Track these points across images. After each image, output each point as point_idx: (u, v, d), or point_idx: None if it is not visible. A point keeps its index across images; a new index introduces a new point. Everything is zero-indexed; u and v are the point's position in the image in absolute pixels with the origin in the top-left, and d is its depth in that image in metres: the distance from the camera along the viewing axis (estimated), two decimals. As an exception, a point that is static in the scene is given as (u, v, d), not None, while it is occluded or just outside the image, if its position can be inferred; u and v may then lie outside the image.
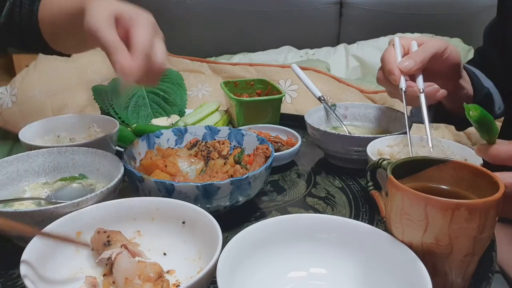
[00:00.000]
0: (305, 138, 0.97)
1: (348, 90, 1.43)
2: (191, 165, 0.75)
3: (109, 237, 0.54)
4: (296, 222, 0.55)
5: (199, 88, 1.49)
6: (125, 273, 0.51)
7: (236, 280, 0.49)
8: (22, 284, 0.45)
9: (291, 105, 1.38)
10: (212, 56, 1.81)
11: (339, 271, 0.54)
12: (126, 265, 0.52)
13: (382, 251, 0.52)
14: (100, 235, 0.55)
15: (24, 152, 0.72)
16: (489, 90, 0.86)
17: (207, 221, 0.54)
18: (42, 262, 0.50)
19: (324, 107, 0.98)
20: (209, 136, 0.82)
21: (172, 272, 0.55)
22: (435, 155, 0.73)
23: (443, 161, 0.55)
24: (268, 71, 1.51)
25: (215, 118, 1.07)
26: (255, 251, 0.52)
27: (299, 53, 1.82)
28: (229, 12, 1.83)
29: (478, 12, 1.77)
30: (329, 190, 0.80)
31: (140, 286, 0.49)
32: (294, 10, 1.85)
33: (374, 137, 0.79)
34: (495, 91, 0.90)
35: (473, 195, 0.52)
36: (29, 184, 0.71)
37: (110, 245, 0.54)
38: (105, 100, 1.05)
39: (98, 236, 0.55)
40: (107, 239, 0.54)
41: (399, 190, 0.49)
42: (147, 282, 0.50)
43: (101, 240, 0.54)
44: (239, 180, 0.63)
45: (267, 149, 0.73)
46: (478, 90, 0.85)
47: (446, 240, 0.47)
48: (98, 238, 0.55)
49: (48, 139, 0.88)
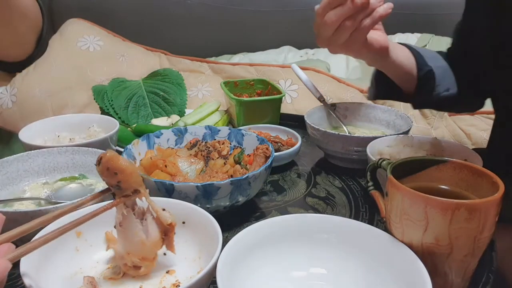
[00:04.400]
0: (305, 138, 0.97)
1: (348, 90, 1.43)
2: (191, 165, 0.75)
3: (119, 181, 0.49)
4: (296, 222, 0.55)
5: (199, 88, 1.49)
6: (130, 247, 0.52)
7: (236, 280, 0.49)
8: (22, 284, 0.45)
9: (291, 105, 1.38)
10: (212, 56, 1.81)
11: (339, 271, 0.54)
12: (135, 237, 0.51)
13: (382, 251, 0.52)
14: (110, 172, 0.49)
15: (24, 152, 0.72)
16: (431, 69, 0.88)
17: (207, 221, 0.54)
18: (42, 262, 0.50)
19: (324, 107, 0.98)
20: (209, 136, 0.82)
21: (172, 272, 0.55)
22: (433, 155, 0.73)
23: (443, 161, 0.55)
24: (268, 71, 1.51)
25: (215, 118, 1.07)
26: (255, 251, 0.52)
27: (299, 53, 1.81)
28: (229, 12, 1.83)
29: (478, 12, 1.77)
30: (329, 190, 0.80)
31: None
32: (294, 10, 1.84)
33: (374, 137, 0.79)
34: (445, 73, 0.91)
35: (473, 195, 0.52)
36: (29, 184, 0.71)
37: (120, 189, 0.50)
38: (105, 100, 1.06)
39: (105, 171, 0.49)
40: (117, 182, 0.49)
41: (399, 190, 0.49)
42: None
43: (110, 177, 0.49)
44: (239, 180, 0.63)
45: (267, 149, 0.73)
46: (420, 66, 0.88)
47: (446, 240, 0.47)
48: (104, 171, 0.49)
49: (48, 139, 0.88)
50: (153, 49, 1.69)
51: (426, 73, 0.87)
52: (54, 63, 1.55)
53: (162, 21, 1.85)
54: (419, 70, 0.88)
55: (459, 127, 1.33)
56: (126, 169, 0.48)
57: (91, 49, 1.60)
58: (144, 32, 1.81)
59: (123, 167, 0.48)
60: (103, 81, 1.46)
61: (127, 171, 0.48)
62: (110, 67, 1.56)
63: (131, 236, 0.51)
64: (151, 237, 0.52)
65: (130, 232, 0.51)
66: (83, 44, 1.60)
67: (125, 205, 0.51)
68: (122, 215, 0.51)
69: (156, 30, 1.84)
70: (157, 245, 0.53)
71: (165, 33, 1.85)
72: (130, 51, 1.64)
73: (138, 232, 0.51)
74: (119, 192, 0.50)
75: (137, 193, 0.51)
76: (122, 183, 0.49)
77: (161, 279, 0.54)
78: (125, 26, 1.75)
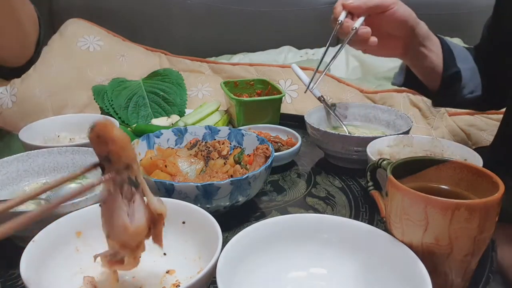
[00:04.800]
0: (305, 138, 0.97)
1: (348, 90, 1.43)
2: (191, 165, 0.75)
3: (109, 153, 0.44)
4: (296, 222, 0.55)
5: (199, 88, 1.49)
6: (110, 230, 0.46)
7: (236, 280, 0.49)
8: (22, 284, 0.45)
9: (291, 105, 1.38)
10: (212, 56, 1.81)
11: (339, 271, 0.54)
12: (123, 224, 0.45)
13: (382, 251, 0.52)
14: (100, 140, 0.43)
15: (24, 152, 0.72)
16: (459, 71, 0.87)
17: (207, 221, 0.54)
18: (42, 262, 0.50)
19: (324, 107, 0.98)
20: (209, 136, 0.82)
21: (172, 272, 0.55)
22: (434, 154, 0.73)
23: (443, 161, 0.55)
24: (268, 71, 1.51)
25: (215, 118, 1.07)
26: (255, 251, 0.52)
27: (299, 53, 1.81)
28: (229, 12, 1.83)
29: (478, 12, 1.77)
30: (329, 190, 0.80)
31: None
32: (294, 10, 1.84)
33: (374, 137, 0.79)
34: (473, 75, 0.91)
35: (473, 195, 0.52)
36: (29, 184, 0.71)
37: (110, 162, 0.44)
38: (105, 100, 1.06)
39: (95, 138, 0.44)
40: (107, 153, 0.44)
41: (399, 190, 0.49)
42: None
43: (100, 146, 0.44)
44: (239, 180, 0.63)
45: (267, 149, 0.73)
46: (447, 66, 0.87)
47: (446, 240, 0.47)
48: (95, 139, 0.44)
49: (48, 139, 0.88)
50: (153, 49, 1.69)
51: (452, 74, 0.87)
52: (54, 63, 1.55)
53: (162, 21, 1.84)
54: (445, 70, 0.87)
55: (459, 127, 1.33)
56: (118, 140, 0.43)
57: (91, 49, 1.60)
58: (144, 32, 1.81)
59: (115, 137, 0.43)
60: (103, 81, 1.46)
61: (120, 142, 0.43)
62: (110, 67, 1.56)
63: (113, 218, 0.46)
64: (135, 223, 0.46)
65: (113, 213, 0.46)
66: (83, 44, 1.60)
67: (113, 182, 0.45)
68: (108, 191, 0.45)
69: (156, 30, 1.84)
70: (141, 233, 0.47)
71: (165, 33, 1.85)
72: (130, 51, 1.64)
73: (121, 214, 0.45)
74: (108, 166, 0.44)
75: (129, 169, 0.45)
76: (112, 155, 0.43)
77: (161, 279, 0.54)
78: (125, 26, 1.75)
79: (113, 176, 0.44)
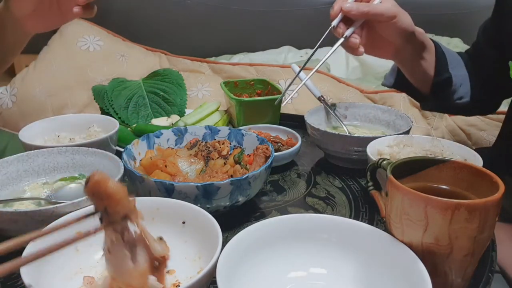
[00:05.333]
0: (305, 138, 0.97)
1: (348, 90, 1.43)
2: (191, 165, 0.75)
3: (106, 207, 0.44)
4: (296, 222, 0.55)
5: (199, 88, 1.49)
6: (115, 273, 0.47)
7: (236, 280, 0.49)
8: (22, 284, 0.45)
9: (291, 105, 1.38)
10: (212, 56, 1.81)
11: (339, 271, 0.54)
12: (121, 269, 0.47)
13: (382, 251, 0.52)
14: (96, 196, 0.44)
15: (24, 152, 0.72)
16: (451, 77, 0.86)
17: (207, 221, 0.54)
18: (42, 262, 0.50)
19: (324, 107, 0.98)
20: (209, 136, 0.82)
21: (172, 272, 0.55)
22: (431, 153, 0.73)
23: (443, 161, 0.55)
24: (268, 71, 1.51)
25: (215, 118, 1.07)
26: (255, 251, 0.52)
27: (299, 53, 1.82)
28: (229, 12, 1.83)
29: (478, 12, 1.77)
30: (329, 190, 0.80)
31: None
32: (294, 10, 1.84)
33: (374, 137, 0.79)
34: (463, 81, 0.90)
35: (473, 195, 0.52)
36: (29, 184, 0.71)
37: (108, 214, 0.45)
38: (105, 100, 1.05)
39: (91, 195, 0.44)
40: (104, 208, 0.45)
41: (399, 190, 0.49)
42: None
43: (97, 201, 0.45)
44: (239, 180, 0.63)
45: (267, 149, 0.73)
46: (439, 72, 0.86)
47: (446, 240, 0.47)
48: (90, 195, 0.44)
49: (48, 139, 0.88)
50: (153, 49, 1.69)
51: (443, 79, 0.86)
52: (54, 63, 1.55)
53: (162, 21, 1.85)
54: (436, 75, 0.86)
55: (459, 127, 1.33)
56: (114, 195, 0.44)
57: (91, 49, 1.60)
58: (144, 32, 1.81)
59: (110, 193, 0.43)
60: (103, 81, 1.46)
61: (115, 198, 0.44)
62: (110, 67, 1.56)
63: (118, 263, 0.47)
64: (139, 266, 0.48)
65: (117, 259, 0.47)
66: (83, 44, 1.60)
67: (114, 230, 0.47)
68: (110, 241, 0.47)
69: (156, 30, 1.84)
70: (144, 276, 0.49)
71: (165, 33, 1.85)
72: (130, 51, 1.64)
73: (126, 260, 0.47)
74: (106, 217, 0.45)
75: (126, 219, 0.46)
76: (109, 209, 0.44)
77: (161, 279, 0.54)
78: (125, 26, 1.75)
79: (111, 225, 0.46)
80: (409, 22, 0.79)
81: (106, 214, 0.45)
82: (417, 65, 0.85)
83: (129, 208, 0.46)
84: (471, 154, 0.72)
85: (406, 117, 0.93)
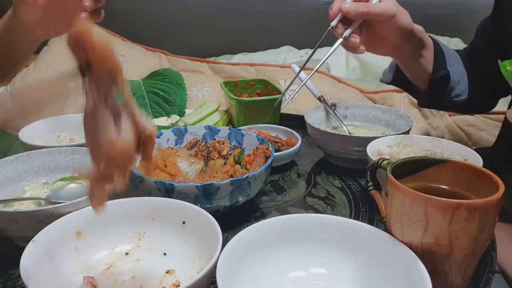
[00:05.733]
0: (305, 138, 0.97)
1: (348, 90, 1.43)
2: (191, 165, 0.75)
3: (89, 61, 0.38)
4: (296, 222, 0.55)
5: (199, 88, 1.49)
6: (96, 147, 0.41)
7: (236, 280, 0.49)
8: (22, 284, 0.45)
9: (291, 105, 1.38)
10: (212, 56, 1.81)
11: (339, 271, 0.54)
12: None
13: (382, 251, 0.52)
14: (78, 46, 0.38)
15: (24, 152, 0.72)
16: (448, 74, 0.86)
17: (207, 221, 0.54)
18: (42, 262, 0.50)
19: (324, 107, 0.98)
20: (209, 136, 0.82)
21: (172, 272, 0.55)
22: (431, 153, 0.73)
23: (443, 161, 0.55)
24: (268, 71, 1.51)
25: (215, 118, 1.07)
26: (255, 251, 0.52)
27: (299, 53, 1.81)
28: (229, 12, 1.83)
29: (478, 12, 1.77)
30: (329, 190, 0.80)
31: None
32: (294, 10, 1.84)
33: (374, 137, 0.79)
34: (461, 79, 0.90)
35: (473, 195, 0.52)
36: (29, 184, 0.71)
37: (91, 72, 0.39)
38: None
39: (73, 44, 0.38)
40: (86, 61, 0.38)
41: (399, 190, 0.49)
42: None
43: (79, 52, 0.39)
44: (239, 180, 0.63)
45: (267, 149, 0.73)
46: (437, 69, 0.86)
47: (446, 240, 0.47)
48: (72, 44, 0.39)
49: (48, 139, 0.88)
50: (153, 49, 1.69)
51: (441, 76, 0.86)
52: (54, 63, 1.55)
53: (162, 21, 1.85)
54: (434, 72, 0.86)
55: (459, 127, 1.33)
56: (99, 45, 0.37)
57: (91, 49, 1.60)
58: (144, 32, 1.81)
59: (96, 43, 0.37)
60: (103, 81, 1.46)
61: (101, 49, 0.38)
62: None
63: (98, 133, 0.41)
64: (123, 139, 0.41)
65: (98, 127, 0.41)
66: (83, 44, 1.60)
67: (98, 93, 0.40)
68: (92, 102, 0.40)
69: (156, 30, 1.84)
70: (129, 149, 0.42)
71: (165, 33, 1.85)
72: (130, 51, 1.64)
73: (107, 129, 0.40)
74: (89, 75, 0.39)
75: (111, 81, 0.40)
76: (93, 62, 0.38)
77: (161, 279, 0.54)
78: (125, 26, 1.75)
79: (94, 83, 0.40)
80: (408, 21, 0.79)
81: (88, 71, 0.39)
82: (415, 62, 0.85)
83: (115, 66, 0.39)
84: (471, 154, 0.72)
85: (406, 117, 0.93)
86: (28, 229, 0.54)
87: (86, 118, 0.42)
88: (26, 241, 0.50)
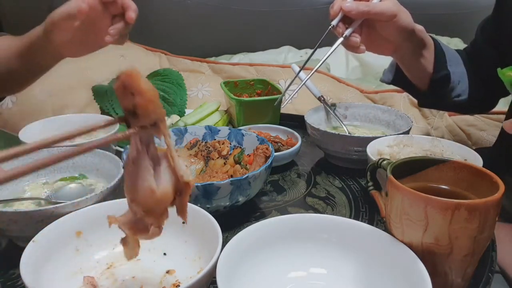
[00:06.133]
0: (305, 138, 0.97)
1: (348, 90, 1.43)
2: (191, 165, 0.75)
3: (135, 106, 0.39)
4: (296, 222, 0.55)
5: (199, 88, 1.49)
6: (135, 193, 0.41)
7: (236, 280, 0.49)
8: (22, 284, 0.45)
9: (291, 105, 1.38)
10: (212, 56, 1.81)
11: (339, 271, 0.54)
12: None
13: (382, 251, 0.52)
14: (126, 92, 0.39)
15: (24, 152, 0.72)
16: (449, 74, 0.86)
17: (207, 221, 0.54)
18: (42, 262, 0.50)
19: (324, 107, 0.98)
20: (209, 136, 0.82)
21: (172, 272, 0.55)
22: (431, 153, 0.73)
23: (443, 161, 0.55)
24: (268, 71, 1.51)
25: (215, 118, 1.07)
26: (255, 251, 0.52)
27: (299, 53, 1.82)
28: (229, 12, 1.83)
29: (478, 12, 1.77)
30: (329, 190, 0.80)
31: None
32: (294, 10, 1.85)
33: (374, 137, 0.79)
34: (462, 79, 0.90)
35: (473, 195, 0.52)
36: (29, 184, 0.71)
37: (136, 117, 0.39)
38: (105, 100, 1.05)
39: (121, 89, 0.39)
40: (132, 106, 0.39)
41: (399, 190, 0.49)
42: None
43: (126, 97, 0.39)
44: (239, 180, 0.63)
45: (267, 149, 0.73)
46: (438, 68, 0.86)
47: (446, 240, 0.47)
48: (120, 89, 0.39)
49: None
50: (153, 49, 1.69)
51: (442, 76, 0.86)
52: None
53: (162, 21, 1.85)
54: (435, 72, 0.86)
55: (459, 127, 1.33)
56: (146, 92, 0.38)
57: (91, 49, 1.59)
58: (144, 32, 1.81)
59: (142, 89, 0.38)
60: (103, 81, 1.46)
61: (147, 95, 0.38)
62: (110, 67, 1.56)
63: (139, 180, 0.41)
64: (162, 187, 0.41)
65: (139, 175, 0.41)
66: (83, 44, 1.59)
67: (140, 141, 0.41)
68: (136, 149, 0.41)
69: (156, 30, 1.84)
70: (167, 199, 0.42)
71: (165, 33, 1.85)
72: (130, 51, 1.64)
73: (148, 176, 0.41)
74: (134, 121, 0.40)
75: (156, 127, 0.41)
76: (139, 109, 0.39)
77: (161, 279, 0.54)
78: (125, 26, 1.75)
79: (139, 132, 0.40)
80: (409, 20, 0.79)
81: (133, 117, 0.40)
82: (416, 62, 0.85)
83: (159, 114, 0.40)
84: (471, 154, 0.72)
85: (406, 117, 0.93)
86: (28, 229, 0.54)
87: (127, 166, 0.42)
88: (26, 241, 0.50)
